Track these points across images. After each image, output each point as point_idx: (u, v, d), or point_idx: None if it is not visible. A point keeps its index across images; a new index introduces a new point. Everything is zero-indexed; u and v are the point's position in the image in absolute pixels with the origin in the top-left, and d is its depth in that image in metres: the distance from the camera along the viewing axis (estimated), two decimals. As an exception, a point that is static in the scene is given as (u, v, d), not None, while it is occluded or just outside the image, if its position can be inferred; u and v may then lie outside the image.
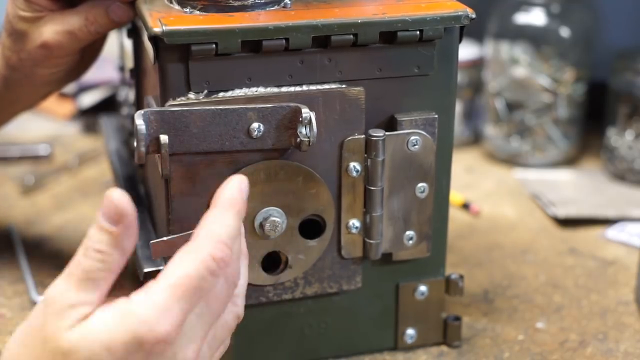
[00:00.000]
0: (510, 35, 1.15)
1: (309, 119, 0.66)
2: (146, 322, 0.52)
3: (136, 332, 0.52)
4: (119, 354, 0.52)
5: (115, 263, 0.55)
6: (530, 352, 0.79)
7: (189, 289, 0.54)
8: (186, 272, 0.54)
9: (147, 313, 0.53)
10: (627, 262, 0.94)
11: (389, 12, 0.69)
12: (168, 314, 0.53)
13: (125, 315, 0.53)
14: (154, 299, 0.53)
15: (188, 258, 0.55)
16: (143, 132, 0.63)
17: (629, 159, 1.11)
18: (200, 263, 0.55)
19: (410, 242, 0.74)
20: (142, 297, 0.53)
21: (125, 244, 0.55)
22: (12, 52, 0.79)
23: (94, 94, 1.29)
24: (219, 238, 0.56)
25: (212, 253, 0.55)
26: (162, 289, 0.54)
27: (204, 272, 0.55)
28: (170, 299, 0.53)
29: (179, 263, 0.55)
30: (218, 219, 0.57)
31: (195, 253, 0.55)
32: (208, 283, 0.55)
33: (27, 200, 1.06)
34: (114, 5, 0.75)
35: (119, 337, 0.52)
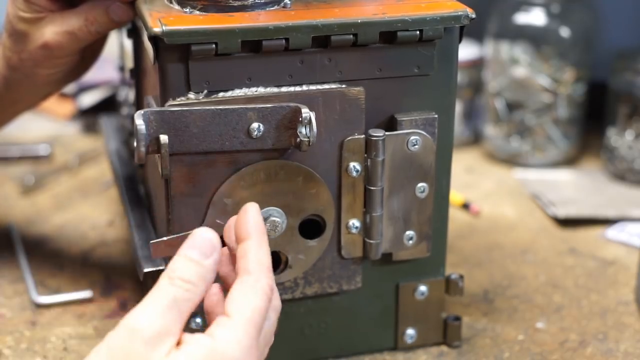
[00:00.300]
0: (510, 35, 1.15)
1: (309, 118, 0.66)
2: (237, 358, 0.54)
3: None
4: None
5: (200, 295, 0.56)
6: (530, 352, 0.79)
7: (259, 321, 0.56)
8: (255, 306, 0.56)
9: (235, 351, 0.54)
10: (627, 262, 0.94)
11: (389, 12, 0.69)
12: (252, 351, 0.55)
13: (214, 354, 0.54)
14: (238, 336, 0.55)
15: (253, 291, 0.57)
16: (143, 132, 0.63)
17: (629, 159, 1.11)
18: (263, 293, 0.57)
19: (410, 242, 0.74)
20: (224, 333, 0.55)
21: (210, 278, 0.57)
22: (12, 52, 0.79)
23: (94, 94, 1.29)
24: (268, 266, 0.59)
25: (269, 283, 0.58)
26: (241, 325, 0.55)
27: (266, 302, 0.57)
28: (251, 335, 0.55)
29: (246, 298, 0.57)
30: (262, 249, 0.60)
31: (257, 285, 0.57)
32: (268, 310, 0.58)
33: (27, 200, 1.06)
34: (114, 5, 0.75)
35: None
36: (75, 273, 0.90)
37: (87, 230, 0.99)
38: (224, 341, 0.54)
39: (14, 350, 0.78)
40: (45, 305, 0.85)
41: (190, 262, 0.57)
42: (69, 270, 0.91)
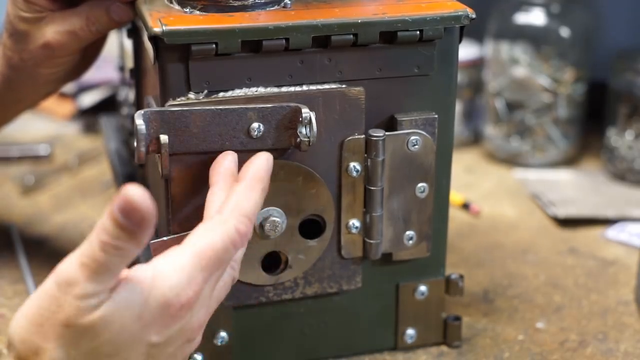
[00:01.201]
0: (510, 35, 1.15)
1: (309, 118, 0.66)
2: (173, 289, 0.54)
3: (163, 298, 0.54)
4: (147, 321, 0.54)
5: (133, 255, 0.55)
6: (530, 352, 0.79)
7: (212, 259, 0.56)
8: (212, 242, 0.56)
9: (173, 279, 0.54)
10: (627, 262, 0.94)
11: (389, 12, 0.69)
12: (193, 281, 0.55)
13: (152, 284, 0.54)
14: (181, 265, 0.54)
15: (215, 228, 0.56)
16: (143, 132, 0.63)
17: (629, 159, 1.11)
18: (226, 235, 0.56)
19: (410, 242, 0.74)
20: (166, 263, 0.54)
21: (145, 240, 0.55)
22: (13, 52, 0.79)
23: (94, 94, 1.29)
24: (245, 212, 0.58)
25: (238, 227, 0.57)
26: (188, 256, 0.55)
27: (228, 244, 0.56)
28: (196, 267, 0.55)
29: (205, 232, 0.56)
30: (246, 194, 0.59)
31: (223, 225, 0.57)
32: (229, 254, 0.57)
33: (27, 200, 1.06)
34: (114, 5, 0.75)
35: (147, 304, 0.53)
36: (75, 273, 0.90)
37: (87, 230, 0.98)
38: (162, 266, 0.54)
39: (14, 350, 0.78)
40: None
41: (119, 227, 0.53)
42: (69, 270, 0.90)
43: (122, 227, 0.53)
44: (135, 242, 0.54)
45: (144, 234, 0.54)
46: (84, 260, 0.54)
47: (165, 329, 0.55)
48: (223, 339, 0.73)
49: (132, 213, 0.53)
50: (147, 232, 0.55)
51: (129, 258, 0.55)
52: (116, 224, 0.53)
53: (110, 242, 0.54)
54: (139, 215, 0.53)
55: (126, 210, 0.53)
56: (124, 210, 0.53)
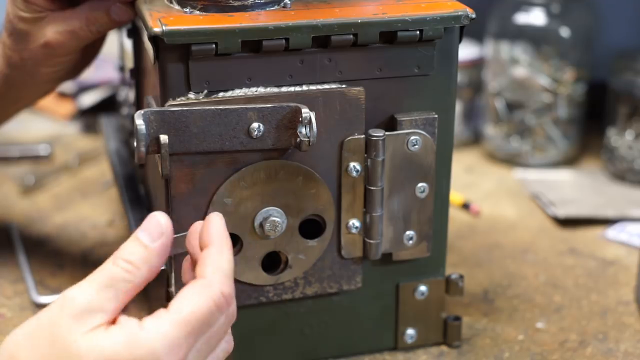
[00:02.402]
0: (510, 35, 1.15)
1: (309, 118, 0.66)
2: (153, 353, 0.53)
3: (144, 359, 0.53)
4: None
5: (141, 279, 0.56)
6: (530, 352, 0.79)
7: (198, 325, 0.55)
8: (197, 307, 0.55)
9: (157, 345, 0.53)
10: (627, 262, 0.94)
11: (389, 12, 0.69)
12: (176, 349, 0.53)
13: (135, 342, 0.53)
14: (165, 331, 0.53)
15: (199, 293, 0.55)
16: (143, 132, 0.63)
17: (629, 159, 1.11)
18: (211, 299, 0.55)
19: (410, 242, 0.74)
20: (153, 325, 0.54)
21: (156, 262, 0.56)
22: (13, 51, 0.79)
23: (94, 94, 1.29)
24: (227, 273, 0.57)
25: (222, 289, 0.56)
26: (173, 322, 0.54)
27: (213, 308, 0.55)
28: (180, 334, 0.54)
29: (190, 297, 0.55)
30: (221, 256, 0.58)
31: (207, 288, 0.56)
32: (215, 319, 0.56)
33: (27, 200, 1.06)
34: (114, 6, 0.75)
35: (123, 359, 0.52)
36: (75, 273, 0.90)
37: (87, 230, 0.99)
38: (148, 331, 0.53)
39: (14, 350, 0.78)
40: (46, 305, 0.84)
41: (136, 244, 0.56)
42: (69, 270, 0.91)
43: (137, 240, 0.55)
44: (147, 260, 0.55)
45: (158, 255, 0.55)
46: (93, 275, 0.55)
47: None
48: (223, 339, 0.73)
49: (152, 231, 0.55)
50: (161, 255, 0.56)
51: (138, 279, 0.55)
52: (134, 241, 0.55)
53: (123, 256, 0.55)
54: (158, 229, 0.55)
55: (147, 229, 0.55)
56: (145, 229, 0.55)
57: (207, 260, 0.58)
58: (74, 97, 1.29)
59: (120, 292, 0.55)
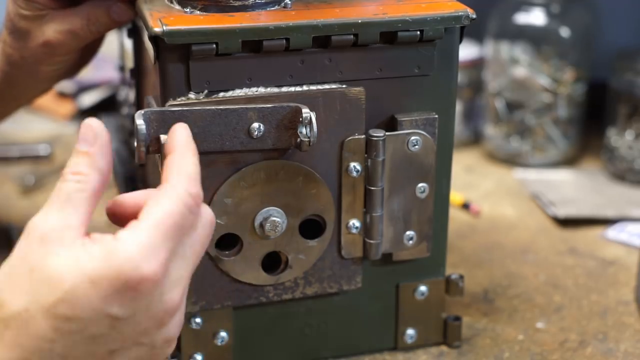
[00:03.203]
0: (510, 35, 1.15)
1: (309, 118, 0.66)
2: (131, 260, 0.53)
3: (121, 269, 0.52)
4: (104, 289, 0.52)
5: (94, 183, 0.56)
6: (530, 352, 0.79)
7: (171, 226, 0.54)
8: (167, 210, 0.55)
9: (133, 251, 0.53)
10: (627, 262, 0.94)
11: (389, 12, 0.69)
12: (153, 252, 0.53)
13: (111, 252, 0.53)
14: (139, 238, 0.53)
15: (166, 196, 0.56)
16: (143, 132, 0.63)
17: (629, 159, 1.11)
18: (179, 200, 0.55)
19: (410, 242, 0.74)
20: (127, 235, 0.54)
21: (101, 164, 0.56)
22: (13, 49, 0.79)
23: (94, 94, 1.29)
24: (190, 175, 0.57)
25: (188, 189, 0.56)
26: (146, 228, 0.54)
27: (183, 209, 0.55)
28: (155, 238, 0.54)
29: (158, 203, 0.55)
30: (184, 160, 0.58)
31: (172, 191, 0.56)
32: (188, 219, 0.56)
33: (27, 200, 1.06)
34: (115, 6, 0.75)
35: (104, 272, 0.52)
36: (75, 273, 0.90)
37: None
38: (123, 241, 0.53)
39: (14, 350, 0.78)
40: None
41: (77, 154, 0.56)
42: (69, 270, 0.90)
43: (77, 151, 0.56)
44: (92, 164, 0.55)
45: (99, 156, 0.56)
46: (49, 200, 0.55)
47: (128, 302, 0.53)
48: (223, 339, 0.73)
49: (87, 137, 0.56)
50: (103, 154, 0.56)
51: (90, 184, 0.55)
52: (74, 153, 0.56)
53: (69, 169, 0.55)
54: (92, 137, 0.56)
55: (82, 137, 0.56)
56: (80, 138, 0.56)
57: (170, 166, 0.58)
58: (74, 97, 1.29)
59: (79, 203, 0.55)
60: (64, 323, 0.52)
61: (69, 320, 0.52)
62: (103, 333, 0.53)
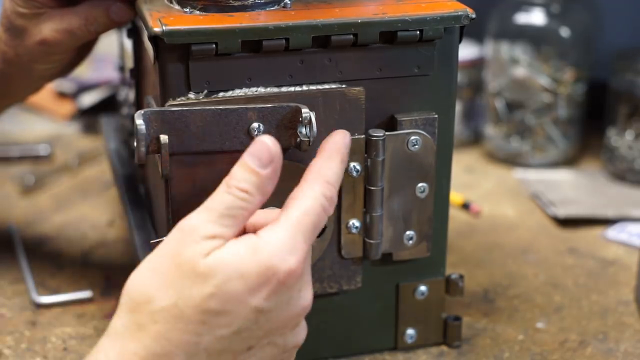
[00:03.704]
0: (510, 35, 1.15)
1: (309, 118, 0.66)
2: (278, 254, 0.56)
3: (269, 262, 0.55)
4: (252, 281, 0.55)
5: (256, 205, 0.58)
6: (530, 352, 0.79)
7: (308, 226, 0.58)
8: (305, 210, 0.58)
9: (278, 246, 0.56)
10: (627, 262, 0.94)
11: (389, 12, 0.69)
12: (295, 248, 0.57)
13: (258, 248, 0.56)
14: (281, 235, 0.57)
15: (304, 197, 0.59)
16: (143, 132, 0.63)
17: (629, 159, 1.11)
18: (316, 201, 0.59)
19: (410, 242, 0.74)
20: (270, 233, 0.56)
21: (269, 189, 0.59)
22: (9, 47, 0.79)
23: (94, 94, 1.29)
24: (328, 179, 0.61)
25: (324, 192, 0.59)
26: (286, 227, 0.57)
27: (319, 210, 0.59)
28: (296, 235, 0.57)
29: (296, 203, 0.58)
30: (326, 164, 0.62)
31: (310, 192, 0.59)
32: (322, 220, 0.59)
33: (27, 200, 1.06)
34: (114, 6, 0.75)
35: (252, 266, 0.55)
36: (75, 273, 0.90)
37: (87, 230, 0.99)
38: (267, 238, 0.56)
39: (14, 350, 0.78)
40: (45, 305, 0.85)
41: (248, 171, 0.58)
42: (69, 270, 0.91)
43: (250, 169, 0.58)
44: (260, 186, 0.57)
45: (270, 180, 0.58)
46: (209, 205, 0.57)
47: (272, 295, 0.56)
48: (223, 339, 0.73)
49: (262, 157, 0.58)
50: (272, 180, 0.58)
51: (252, 205, 0.57)
52: (245, 167, 0.58)
53: (237, 184, 0.57)
54: (268, 155, 0.58)
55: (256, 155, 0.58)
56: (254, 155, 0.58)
57: (313, 167, 0.61)
58: (74, 97, 1.29)
59: (238, 219, 0.57)
60: (214, 317, 0.55)
61: (218, 314, 0.55)
62: (247, 327, 0.56)
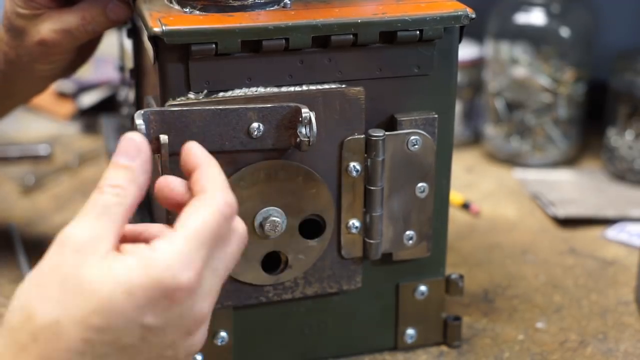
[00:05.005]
0: (510, 35, 1.15)
1: (309, 118, 0.66)
2: (169, 269, 0.52)
3: (159, 278, 0.52)
4: (140, 299, 0.51)
5: (131, 198, 0.55)
6: (530, 352, 0.79)
7: (208, 236, 0.54)
8: (204, 220, 0.54)
9: (171, 260, 0.52)
10: (627, 262, 0.94)
11: (388, 12, 0.69)
12: (191, 262, 0.53)
13: (148, 261, 0.52)
14: (177, 247, 0.53)
15: (203, 206, 0.55)
16: (143, 131, 0.63)
17: (629, 159, 1.11)
18: (216, 210, 0.55)
19: (410, 242, 0.74)
20: (164, 245, 0.53)
21: (141, 179, 0.56)
22: (10, 47, 0.80)
23: (94, 94, 1.29)
24: (225, 185, 0.57)
25: (225, 199, 0.56)
26: (183, 237, 0.53)
27: (220, 219, 0.55)
28: (192, 247, 0.53)
29: (195, 213, 0.55)
30: (214, 171, 0.58)
31: (211, 200, 0.56)
32: (224, 230, 0.56)
33: (27, 200, 1.06)
34: (111, 5, 0.75)
35: (141, 281, 0.51)
36: (75, 273, 0.90)
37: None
38: (160, 251, 0.53)
39: (14, 350, 0.78)
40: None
41: (117, 167, 0.55)
42: (69, 270, 0.90)
43: (117, 164, 0.55)
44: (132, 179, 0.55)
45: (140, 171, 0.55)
46: (84, 211, 0.54)
47: (162, 312, 0.53)
48: (223, 339, 0.73)
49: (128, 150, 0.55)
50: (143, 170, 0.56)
51: (128, 199, 0.54)
52: (113, 166, 0.55)
53: (109, 182, 0.55)
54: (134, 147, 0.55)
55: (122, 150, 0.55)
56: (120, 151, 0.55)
57: (202, 177, 0.57)
58: (74, 97, 1.29)
59: (115, 217, 0.54)
60: (97, 334, 0.51)
61: (102, 331, 0.51)
62: (134, 344, 0.52)
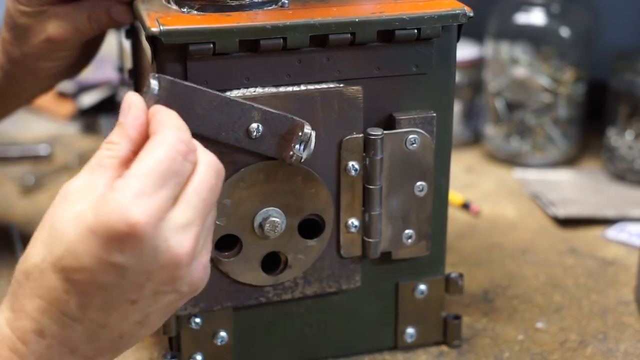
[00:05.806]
0: (510, 35, 1.14)
1: (309, 137, 0.66)
2: (120, 207, 0.54)
3: (111, 217, 0.54)
4: (101, 238, 0.54)
5: (123, 150, 0.57)
6: (530, 352, 0.79)
7: (163, 172, 0.55)
8: (157, 157, 0.56)
9: (123, 199, 0.54)
10: (627, 262, 0.94)
11: (386, 10, 0.68)
12: (144, 198, 0.54)
13: (103, 201, 0.54)
14: (130, 185, 0.55)
15: (156, 144, 0.57)
16: (154, 92, 0.62)
17: (629, 159, 1.11)
18: (169, 147, 0.56)
19: (409, 240, 0.74)
20: (119, 185, 0.55)
21: (132, 132, 0.58)
22: (13, 46, 0.80)
23: (94, 94, 1.29)
24: (179, 124, 0.58)
25: (178, 136, 0.57)
26: (136, 175, 0.55)
27: (174, 154, 0.56)
28: (146, 184, 0.55)
29: (149, 151, 0.56)
30: (169, 114, 0.60)
31: (162, 139, 0.57)
32: (181, 165, 0.56)
33: (27, 200, 1.06)
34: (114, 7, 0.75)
35: (99, 222, 0.54)
36: (74, 273, 0.90)
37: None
38: (116, 190, 0.54)
39: (13, 351, 0.78)
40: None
41: (115, 127, 0.59)
42: (69, 271, 0.90)
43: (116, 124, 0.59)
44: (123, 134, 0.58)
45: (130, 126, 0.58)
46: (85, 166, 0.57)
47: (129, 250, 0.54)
48: (223, 339, 0.73)
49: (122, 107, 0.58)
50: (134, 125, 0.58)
51: (119, 151, 0.57)
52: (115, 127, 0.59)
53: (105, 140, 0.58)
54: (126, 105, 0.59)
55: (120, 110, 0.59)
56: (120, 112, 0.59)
57: (156, 122, 0.59)
58: (74, 97, 1.29)
59: (107, 167, 0.57)
60: (72, 274, 0.54)
61: (76, 271, 0.54)
62: (114, 282, 0.55)
